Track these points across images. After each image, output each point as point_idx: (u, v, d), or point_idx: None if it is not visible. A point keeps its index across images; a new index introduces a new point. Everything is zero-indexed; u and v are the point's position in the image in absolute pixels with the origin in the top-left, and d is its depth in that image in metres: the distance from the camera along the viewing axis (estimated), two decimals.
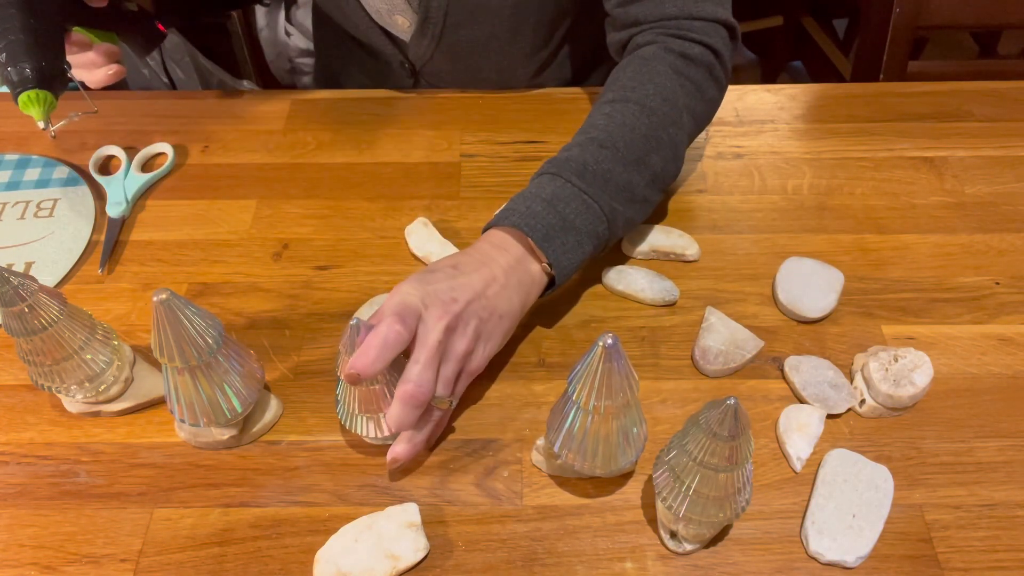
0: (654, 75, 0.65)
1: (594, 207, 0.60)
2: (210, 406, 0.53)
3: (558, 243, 0.59)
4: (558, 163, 0.62)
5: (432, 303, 0.53)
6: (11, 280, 0.49)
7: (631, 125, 0.63)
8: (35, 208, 0.74)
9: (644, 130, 0.63)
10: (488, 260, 0.57)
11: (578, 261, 0.60)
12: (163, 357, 0.49)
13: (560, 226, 0.59)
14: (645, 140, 0.63)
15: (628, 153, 0.62)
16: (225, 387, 0.53)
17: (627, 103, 0.64)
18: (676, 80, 0.66)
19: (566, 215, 0.59)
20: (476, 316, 0.55)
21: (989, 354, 0.62)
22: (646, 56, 0.67)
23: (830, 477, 0.54)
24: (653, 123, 0.64)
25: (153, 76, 1.53)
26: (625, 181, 0.62)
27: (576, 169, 0.60)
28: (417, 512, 0.52)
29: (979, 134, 0.81)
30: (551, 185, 0.60)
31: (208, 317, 0.51)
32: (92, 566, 0.51)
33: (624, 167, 0.62)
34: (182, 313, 0.48)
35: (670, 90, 0.65)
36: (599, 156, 0.61)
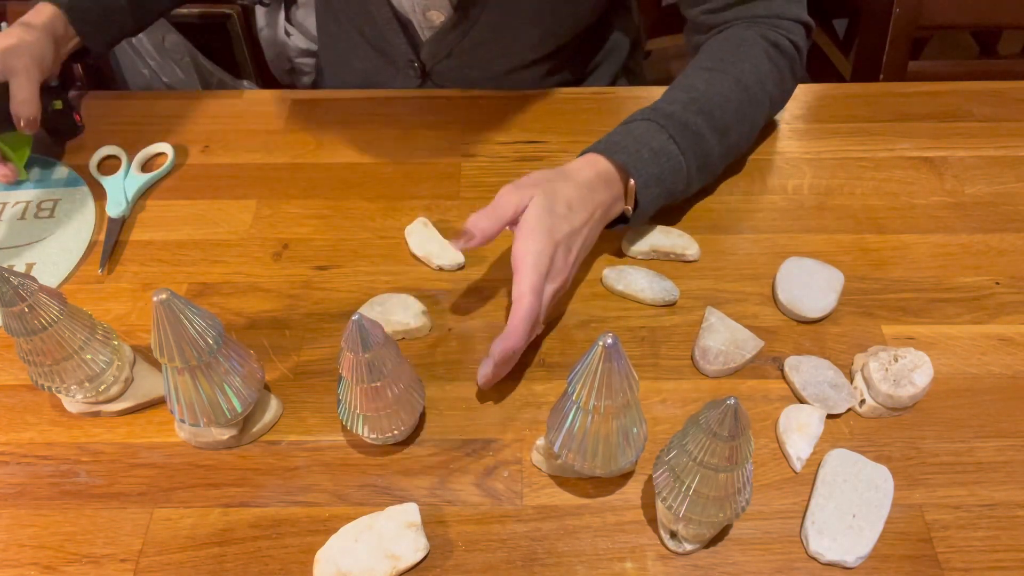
0: (751, 56, 0.70)
1: (684, 169, 0.66)
2: (210, 406, 0.53)
3: (650, 193, 0.64)
4: (665, 115, 0.66)
5: (559, 257, 0.59)
6: (11, 280, 0.49)
7: (726, 96, 0.68)
8: (35, 208, 0.74)
9: (735, 104, 0.69)
10: (593, 198, 0.62)
11: (653, 211, 0.67)
12: (163, 357, 0.49)
13: (657, 178, 0.64)
14: (734, 114, 0.69)
15: (719, 122, 0.67)
16: (225, 387, 0.53)
17: (725, 75, 0.69)
18: (768, 65, 0.71)
19: (664, 169, 0.64)
20: (579, 251, 0.61)
21: (989, 354, 0.62)
22: (744, 37, 0.72)
23: (830, 477, 0.54)
24: (743, 100, 0.69)
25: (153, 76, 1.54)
26: (709, 147, 0.67)
27: (680, 125, 0.65)
28: (417, 512, 0.52)
29: (979, 134, 0.81)
30: (659, 136, 0.65)
31: (208, 317, 0.51)
32: (92, 566, 0.51)
33: (712, 134, 0.67)
34: (182, 313, 0.48)
35: (763, 73, 0.70)
36: (697, 121, 0.66)
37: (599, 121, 0.82)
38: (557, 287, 0.59)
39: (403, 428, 0.54)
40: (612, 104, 0.85)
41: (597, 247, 0.69)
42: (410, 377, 0.54)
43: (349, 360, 0.49)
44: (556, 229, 0.59)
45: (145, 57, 1.52)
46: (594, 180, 0.63)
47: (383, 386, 0.51)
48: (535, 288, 0.56)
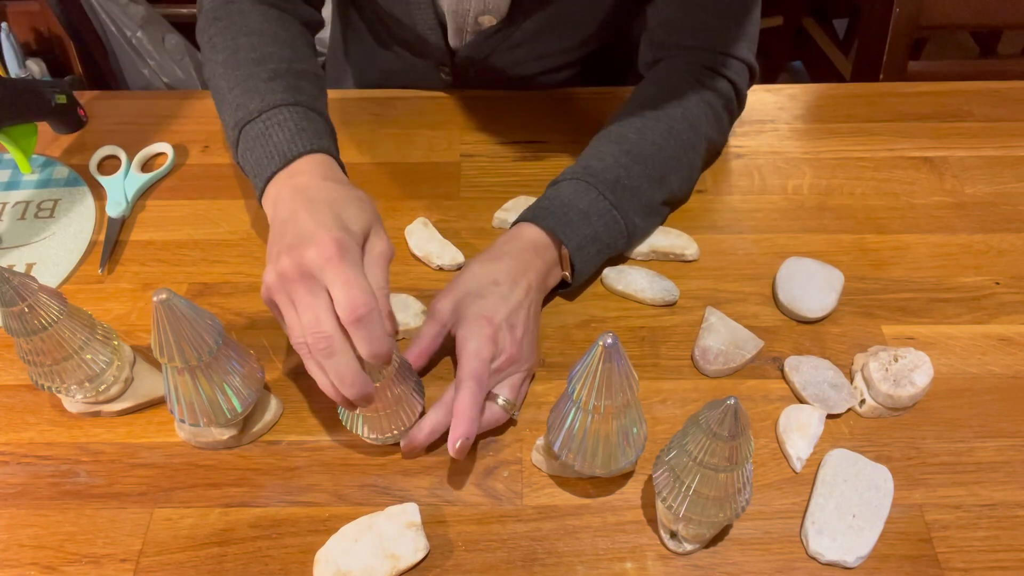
0: (684, 100, 0.69)
1: (620, 224, 0.64)
2: (210, 406, 0.53)
3: (586, 255, 0.63)
4: (594, 173, 0.65)
5: (503, 339, 0.56)
6: (11, 280, 0.49)
7: (660, 144, 0.67)
8: (35, 208, 0.75)
9: (670, 151, 0.68)
10: (524, 267, 0.60)
11: (593, 270, 0.65)
12: (163, 357, 0.49)
13: (591, 237, 0.63)
14: (669, 160, 0.68)
15: (654, 171, 0.66)
16: (225, 387, 0.53)
17: (658, 121, 0.68)
18: (703, 108, 0.70)
19: (597, 228, 0.63)
20: (528, 325, 0.59)
21: (989, 354, 0.62)
22: (678, 80, 0.71)
23: (830, 477, 0.54)
24: (678, 145, 0.68)
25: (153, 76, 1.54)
26: (647, 199, 0.66)
27: (609, 183, 0.64)
28: (417, 512, 0.52)
29: (979, 134, 0.81)
30: (587, 196, 0.63)
31: (208, 317, 0.51)
32: (92, 566, 0.51)
33: (649, 184, 0.66)
34: (182, 313, 0.48)
35: (696, 117, 0.70)
36: (631, 171, 0.65)
37: (598, 121, 0.81)
38: (517, 369, 0.57)
39: (403, 428, 0.54)
40: (612, 104, 0.85)
41: None
42: (409, 377, 0.54)
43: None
44: (494, 311, 0.57)
45: (145, 57, 1.52)
46: (524, 251, 0.61)
47: (383, 387, 0.51)
48: (475, 374, 0.53)
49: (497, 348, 0.56)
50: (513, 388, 0.57)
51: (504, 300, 0.58)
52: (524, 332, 0.58)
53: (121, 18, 1.50)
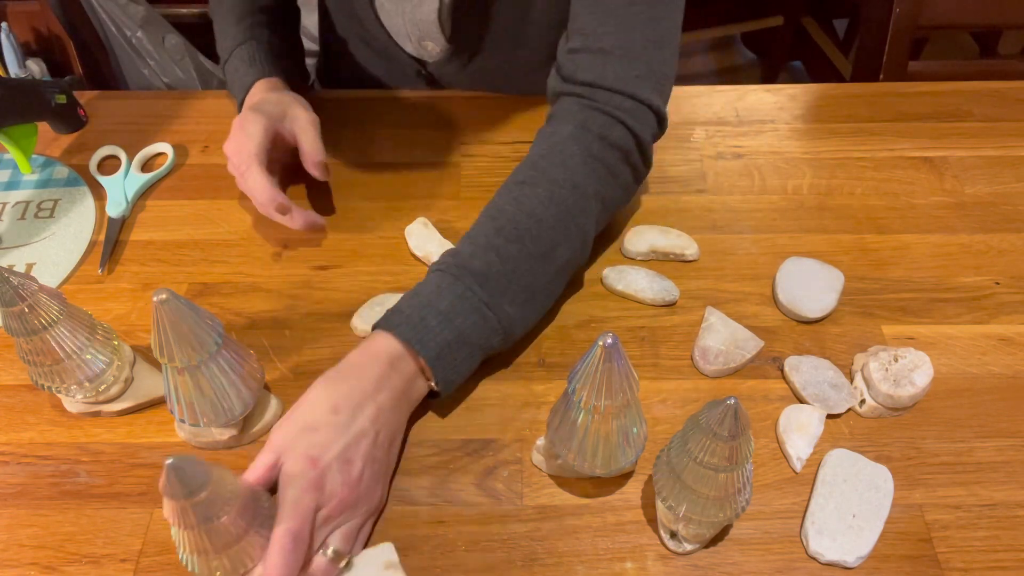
0: (566, 158, 0.62)
1: (492, 319, 0.57)
2: (210, 406, 0.52)
3: (449, 360, 0.55)
4: (462, 263, 0.57)
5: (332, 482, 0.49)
6: (11, 280, 0.49)
7: (538, 216, 0.60)
8: (35, 208, 0.75)
9: (552, 221, 0.60)
10: (373, 387, 0.53)
11: (466, 374, 0.58)
12: (163, 357, 0.49)
13: (455, 342, 0.55)
14: (552, 232, 0.60)
15: (535, 247, 0.59)
16: (225, 387, 0.52)
17: (536, 187, 0.61)
18: (589, 165, 0.62)
19: (462, 330, 0.56)
20: (373, 461, 0.52)
21: (989, 354, 0.62)
22: (563, 135, 0.63)
23: (830, 477, 0.54)
24: (561, 212, 0.60)
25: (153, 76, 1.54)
26: (528, 281, 0.59)
27: (479, 275, 0.57)
28: (393, 551, 0.50)
29: (979, 134, 0.81)
30: (450, 293, 0.56)
31: (208, 317, 0.50)
32: (92, 566, 0.51)
33: (529, 263, 0.59)
34: (182, 313, 0.48)
35: (582, 175, 0.62)
36: (505, 254, 0.58)
37: None
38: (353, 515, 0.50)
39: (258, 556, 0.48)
40: None
41: (597, 247, 0.69)
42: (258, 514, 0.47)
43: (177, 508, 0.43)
44: (323, 449, 0.49)
45: (145, 57, 1.52)
46: (375, 366, 0.53)
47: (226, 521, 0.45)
48: (290, 531, 0.46)
49: (324, 494, 0.48)
50: (347, 537, 0.50)
51: (340, 432, 0.50)
52: (364, 467, 0.50)
53: (121, 18, 1.50)
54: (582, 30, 0.65)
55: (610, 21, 0.63)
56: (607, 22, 0.63)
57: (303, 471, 0.48)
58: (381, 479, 0.53)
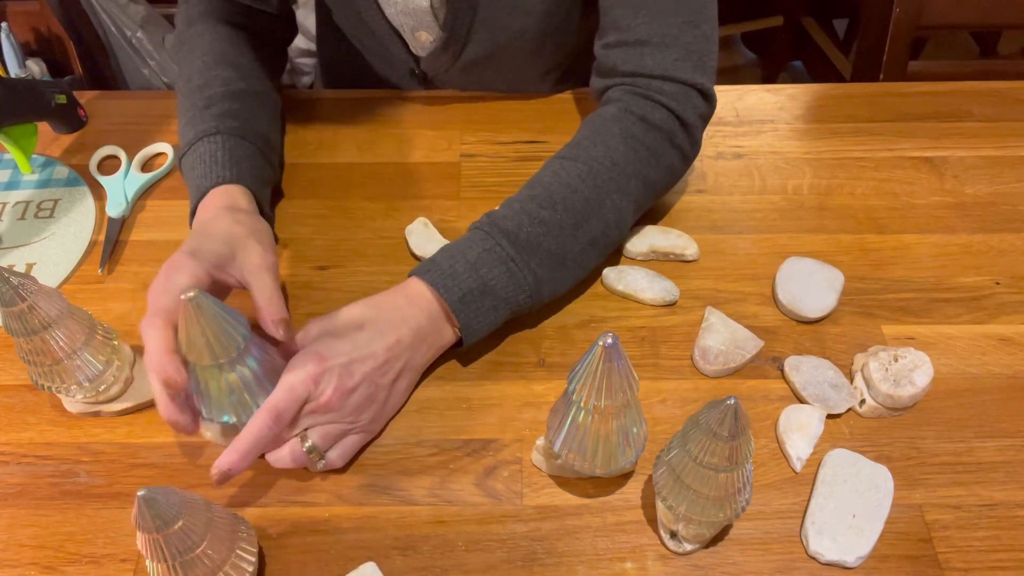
0: (607, 137, 0.64)
1: (518, 275, 0.59)
2: (239, 403, 0.52)
3: (473, 308, 0.58)
4: (494, 221, 0.60)
5: (327, 383, 0.52)
6: (11, 280, 0.49)
7: (574, 187, 0.62)
8: (35, 208, 0.75)
9: (587, 193, 0.62)
10: (400, 320, 0.56)
11: (491, 325, 0.59)
12: (192, 355, 0.49)
13: (479, 290, 0.58)
14: (586, 204, 0.62)
15: (567, 217, 0.61)
16: (252, 384, 0.52)
17: (576, 162, 0.63)
18: (628, 144, 0.64)
19: (487, 280, 0.58)
20: (372, 383, 0.54)
21: (989, 354, 0.62)
22: (605, 116, 0.66)
23: (830, 477, 0.54)
24: (597, 187, 0.62)
25: (153, 76, 1.54)
26: (558, 247, 0.60)
27: (509, 232, 0.59)
28: (377, 570, 0.50)
29: (979, 134, 0.81)
30: (480, 245, 0.59)
31: (235, 315, 0.49)
32: (92, 566, 0.51)
33: (560, 231, 0.60)
34: (211, 311, 0.47)
35: (620, 154, 0.63)
36: (537, 217, 0.60)
37: None
38: (336, 421, 0.53)
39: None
40: None
41: None
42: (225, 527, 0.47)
43: (149, 540, 0.42)
44: (334, 353, 0.53)
45: (145, 57, 1.52)
46: (405, 304, 0.57)
47: (200, 553, 0.44)
48: (274, 406, 0.50)
49: (316, 389, 0.52)
50: (326, 437, 0.53)
51: (354, 347, 0.53)
52: (361, 383, 0.53)
53: (121, 18, 1.50)
54: (616, 24, 0.67)
55: (641, 12, 0.65)
56: (639, 13, 0.65)
57: (307, 363, 0.52)
58: (376, 404, 0.55)
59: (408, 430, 0.58)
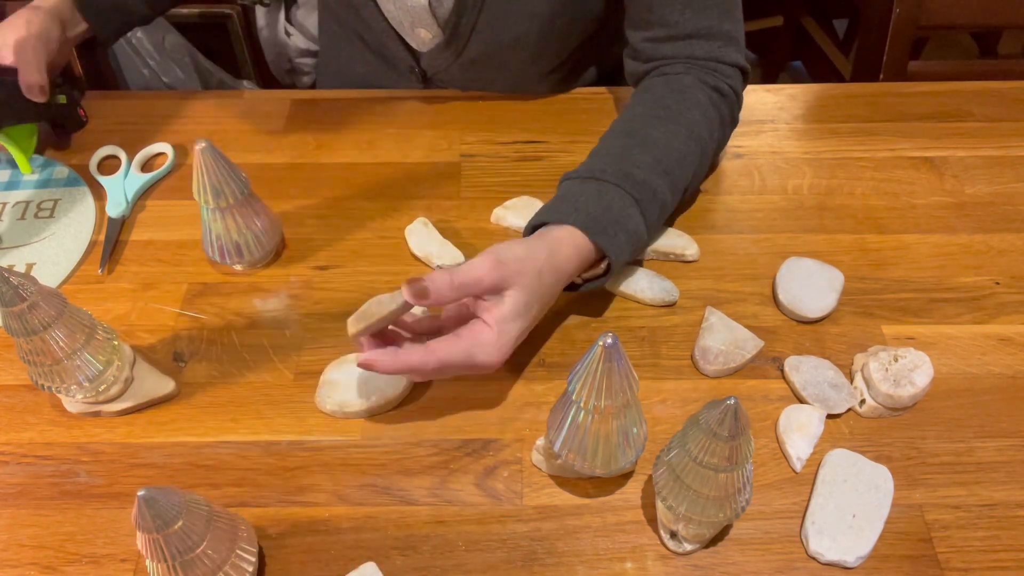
0: (698, 103, 0.69)
1: (644, 242, 0.64)
2: (234, 246, 0.65)
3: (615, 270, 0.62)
4: (637, 185, 0.63)
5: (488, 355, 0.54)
6: (11, 280, 0.49)
7: (683, 152, 0.66)
8: (35, 208, 0.74)
9: (691, 159, 0.67)
10: (566, 276, 0.59)
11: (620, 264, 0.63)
12: (204, 198, 0.61)
13: (626, 257, 0.62)
14: (689, 167, 0.67)
15: (678, 181, 0.66)
16: (245, 231, 0.64)
17: (678, 126, 0.67)
18: (714, 112, 0.70)
19: (633, 249, 0.62)
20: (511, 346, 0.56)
21: (989, 354, 0.62)
22: (686, 83, 0.70)
23: (830, 477, 0.54)
24: (696, 152, 0.67)
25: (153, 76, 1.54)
26: (666, 210, 0.66)
27: (648, 199, 0.63)
28: (377, 570, 0.50)
29: (979, 134, 0.81)
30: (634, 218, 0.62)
31: (239, 172, 0.62)
32: (92, 566, 0.51)
33: (671, 195, 0.66)
34: (218, 162, 0.59)
35: (712, 121, 0.69)
36: (662, 185, 0.64)
37: (598, 121, 0.82)
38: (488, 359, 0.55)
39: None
40: (610, 104, 0.85)
41: None
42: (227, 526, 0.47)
43: (149, 540, 0.42)
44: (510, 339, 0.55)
45: (145, 57, 1.52)
46: (573, 260, 0.59)
47: (200, 553, 0.44)
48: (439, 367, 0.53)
49: (488, 363, 0.54)
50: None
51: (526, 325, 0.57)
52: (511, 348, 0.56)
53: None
54: (663, 21, 0.72)
55: (687, 10, 0.71)
56: (685, 11, 0.71)
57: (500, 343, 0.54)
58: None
59: (408, 430, 0.58)
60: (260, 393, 0.60)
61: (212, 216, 0.63)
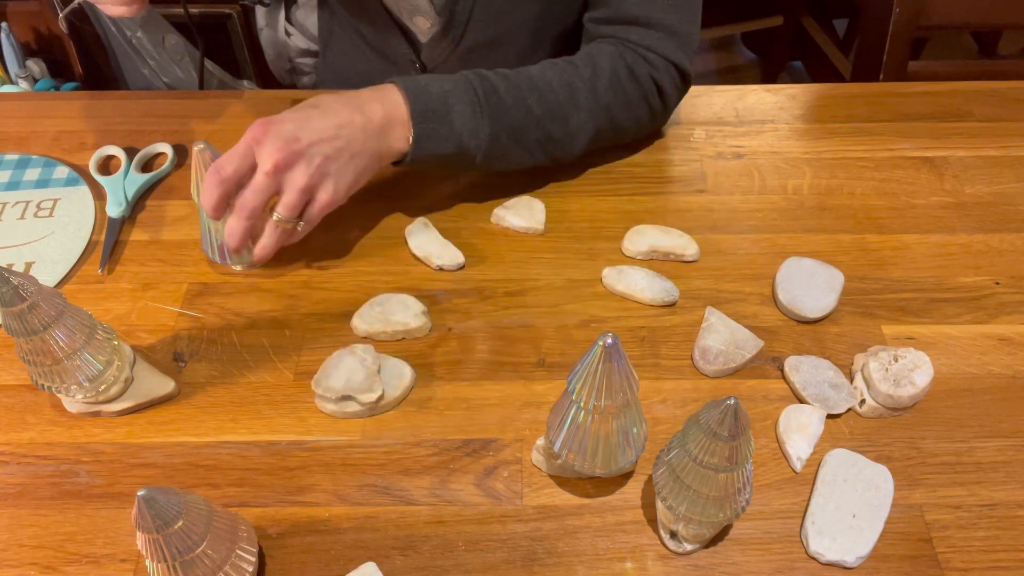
0: (598, 66, 0.71)
1: (479, 122, 0.66)
2: None
3: (429, 126, 0.64)
4: (481, 72, 0.67)
5: (270, 141, 0.59)
6: (11, 280, 0.49)
7: (554, 88, 0.69)
8: (35, 208, 0.75)
9: (562, 98, 0.69)
10: (355, 106, 0.63)
11: (437, 151, 0.66)
12: (200, 200, 0.62)
13: (440, 113, 0.65)
14: (558, 106, 0.69)
15: (538, 106, 0.68)
16: None
17: (563, 71, 0.70)
18: (612, 81, 0.71)
19: (452, 109, 0.65)
20: (320, 154, 0.61)
21: (989, 354, 0.62)
22: (604, 51, 0.72)
23: (830, 477, 0.54)
24: (573, 99, 0.69)
25: (153, 76, 1.54)
26: (520, 124, 0.68)
27: (488, 85, 0.67)
28: (377, 570, 0.50)
29: (979, 134, 0.81)
30: (459, 82, 0.66)
31: None
32: (92, 566, 0.51)
33: (527, 114, 0.68)
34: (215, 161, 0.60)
35: (603, 85, 0.71)
36: (515, 90, 0.67)
37: None
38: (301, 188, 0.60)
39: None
40: None
41: (596, 247, 0.69)
42: (227, 526, 0.47)
43: (149, 540, 0.42)
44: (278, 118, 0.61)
45: (145, 57, 1.52)
46: (367, 95, 0.63)
47: (200, 553, 0.44)
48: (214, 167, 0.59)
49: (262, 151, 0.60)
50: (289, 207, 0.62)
51: (304, 117, 0.61)
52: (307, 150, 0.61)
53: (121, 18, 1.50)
54: (609, 3, 0.73)
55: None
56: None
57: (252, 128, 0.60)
58: (331, 177, 0.62)
59: (408, 430, 0.58)
60: (260, 393, 0.60)
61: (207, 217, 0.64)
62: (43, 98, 0.95)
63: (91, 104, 0.85)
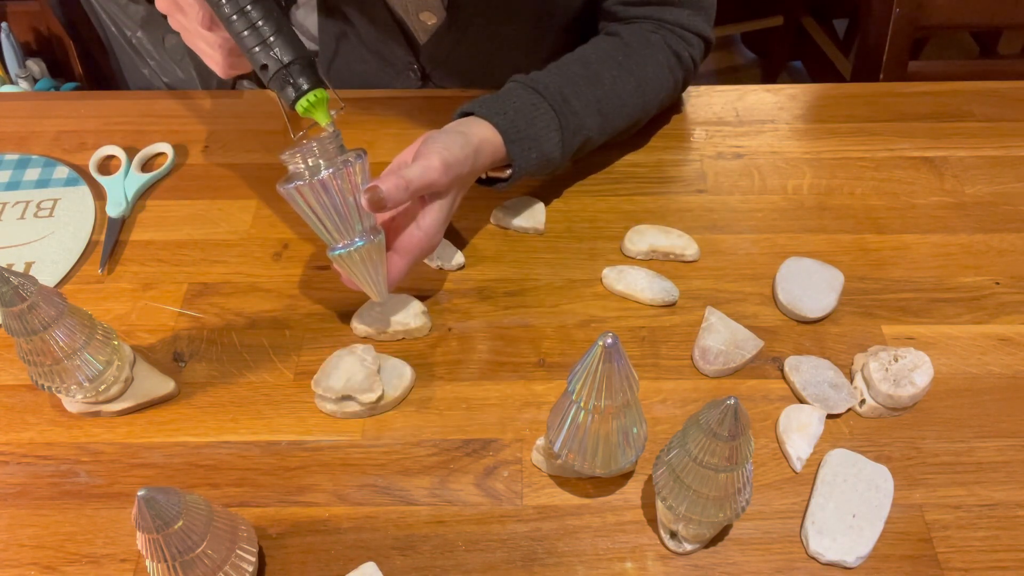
0: (656, 62, 0.74)
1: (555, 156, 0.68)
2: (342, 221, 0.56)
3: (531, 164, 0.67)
4: (569, 113, 0.68)
5: None
6: (11, 280, 0.49)
7: (624, 100, 0.72)
8: (35, 208, 0.75)
9: (630, 109, 0.73)
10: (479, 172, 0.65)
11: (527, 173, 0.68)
12: None
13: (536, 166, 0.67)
14: (624, 118, 0.73)
15: (609, 125, 0.72)
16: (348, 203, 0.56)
17: (630, 75, 0.72)
18: (668, 75, 0.75)
19: (538, 169, 0.68)
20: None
21: (989, 354, 0.62)
22: (652, 40, 0.74)
23: (830, 477, 0.54)
24: (637, 104, 0.73)
25: (153, 76, 1.54)
26: (588, 146, 0.72)
27: (572, 133, 0.68)
28: (377, 570, 0.50)
29: (979, 134, 0.81)
30: (552, 140, 0.67)
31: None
32: (92, 566, 0.51)
33: (598, 135, 0.71)
34: None
35: (663, 82, 0.75)
36: (592, 125, 0.70)
37: None
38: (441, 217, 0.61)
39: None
40: None
41: (596, 247, 0.70)
42: (227, 526, 0.47)
43: (149, 540, 0.42)
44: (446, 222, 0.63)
45: (145, 57, 1.52)
46: (488, 161, 0.65)
47: (200, 553, 0.44)
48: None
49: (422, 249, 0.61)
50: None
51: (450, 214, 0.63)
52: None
53: (121, 18, 1.50)
54: None
55: None
56: None
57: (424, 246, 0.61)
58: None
59: (408, 430, 0.58)
60: (260, 393, 0.60)
61: None
62: (43, 98, 0.95)
63: (91, 104, 0.85)
